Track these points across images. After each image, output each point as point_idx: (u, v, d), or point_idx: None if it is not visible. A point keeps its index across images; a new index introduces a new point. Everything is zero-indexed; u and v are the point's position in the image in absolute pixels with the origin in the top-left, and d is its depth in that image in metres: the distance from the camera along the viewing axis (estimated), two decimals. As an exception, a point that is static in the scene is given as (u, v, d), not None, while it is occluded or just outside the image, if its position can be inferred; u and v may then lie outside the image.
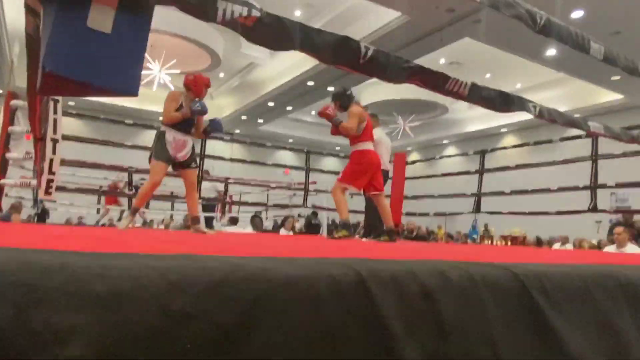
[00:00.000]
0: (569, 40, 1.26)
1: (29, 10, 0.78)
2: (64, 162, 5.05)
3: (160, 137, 3.19)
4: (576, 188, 4.31)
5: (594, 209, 4.19)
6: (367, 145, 3.51)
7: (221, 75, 13.55)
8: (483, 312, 0.50)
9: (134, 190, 7.53)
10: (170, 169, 3.30)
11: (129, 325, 0.35)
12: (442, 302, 0.47)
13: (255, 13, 0.79)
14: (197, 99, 3.21)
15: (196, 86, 3.21)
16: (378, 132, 4.12)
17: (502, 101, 1.12)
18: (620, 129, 1.44)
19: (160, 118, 3.38)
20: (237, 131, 17.84)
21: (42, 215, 6.87)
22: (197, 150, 6.14)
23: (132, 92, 0.72)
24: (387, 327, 0.43)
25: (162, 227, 12.69)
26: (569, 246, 7.87)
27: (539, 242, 7.79)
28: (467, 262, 0.57)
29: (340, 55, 0.89)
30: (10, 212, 5.31)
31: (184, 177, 3.34)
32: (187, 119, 3.19)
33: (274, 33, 0.83)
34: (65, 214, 11.71)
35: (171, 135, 3.18)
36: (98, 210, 9.61)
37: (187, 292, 0.39)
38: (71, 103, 13.16)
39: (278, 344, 0.40)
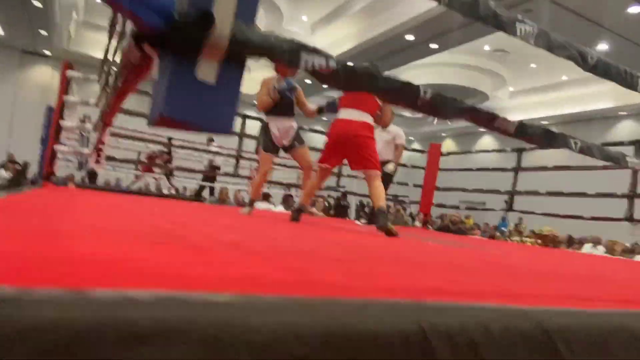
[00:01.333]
0: (617, 78, 1.31)
1: (140, 49, 0.91)
2: (112, 134, 5.34)
3: (264, 129, 3.30)
4: (614, 195, 4.27)
5: (630, 218, 4.16)
6: (340, 114, 3.04)
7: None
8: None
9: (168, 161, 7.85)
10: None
11: None
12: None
13: (332, 64, 0.90)
14: (282, 79, 3.22)
15: (279, 65, 3.10)
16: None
17: (547, 138, 1.20)
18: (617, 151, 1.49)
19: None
20: (273, 105, 18.03)
21: (93, 178, 7.30)
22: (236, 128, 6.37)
23: (228, 131, 0.86)
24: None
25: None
26: (601, 248, 7.76)
27: (570, 242, 7.72)
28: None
29: (402, 97, 1.00)
30: (66, 180, 5.74)
31: (295, 159, 3.44)
32: (283, 101, 3.20)
33: (346, 80, 0.94)
34: (105, 176, 12.35)
35: (275, 126, 3.26)
36: (136, 176, 10.04)
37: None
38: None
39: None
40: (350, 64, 0.93)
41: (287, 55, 0.87)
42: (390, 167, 5.05)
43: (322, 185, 3.43)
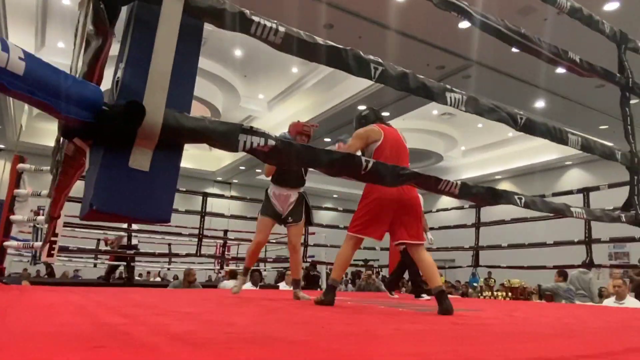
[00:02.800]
0: (547, 135, 1.39)
1: (69, 140, 0.89)
2: (66, 224, 5.12)
3: (267, 192, 3.18)
4: (571, 243, 4.39)
5: (590, 263, 4.26)
6: None
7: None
8: None
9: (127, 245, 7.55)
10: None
11: None
12: None
13: (271, 142, 0.91)
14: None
15: (290, 133, 3.03)
16: None
17: (491, 196, 1.23)
18: (601, 210, 1.56)
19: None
20: (235, 181, 18.06)
21: (51, 272, 6.91)
22: (197, 207, 6.27)
23: (165, 219, 0.83)
24: None
25: (158, 279, 12.55)
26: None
27: (540, 293, 7.76)
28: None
29: (345, 168, 1.01)
30: (19, 277, 5.42)
31: (288, 234, 3.23)
32: (291, 170, 2.92)
33: (287, 155, 0.94)
34: (62, 268, 11.68)
35: (272, 191, 3.13)
36: (95, 265, 9.54)
37: None
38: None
39: None
40: (289, 140, 0.94)
41: (224, 137, 0.87)
42: (430, 238, 4.47)
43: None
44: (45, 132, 13.37)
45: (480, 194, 1.21)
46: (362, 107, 10.34)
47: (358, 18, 6.83)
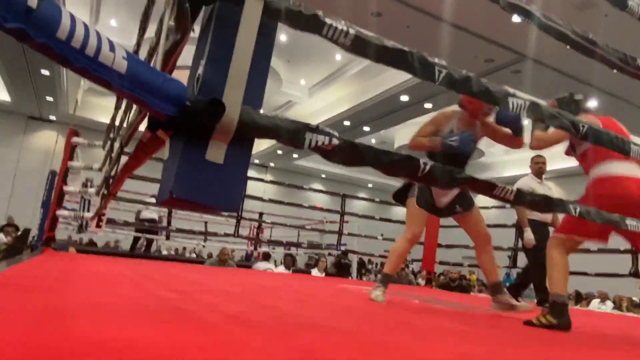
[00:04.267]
0: (609, 145, 1.36)
1: (153, 131, 0.95)
2: (115, 198, 5.38)
3: None
4: (617, 251, 4.25)
5: (635, 274, 4.11)
6: (606, 169, 2.11)
7: (261, 111, 14.05)
8: None
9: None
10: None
11: None
12: None
13: (335, 141, 0.94)
14: (460, 131, 2.38)
15: (472, 105, 2.40)
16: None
17: (546, 204, 1.22)
18: None
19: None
20: (272, 164, 18.29)
21: (92, 241, 7.27)
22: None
23: (236, 209, 0.88)
24: None
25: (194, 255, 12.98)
26: (609, 303, 7.59)
27: (578, 298, 7.56)
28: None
29: (404, 170, 1.03)
30: (67, 244, 5.75)
31: (464, 227, 2.59)
32: (456, 154, 2.32)
33: (349, 155, 0.97)
34: (104, 238, 12.27)
35: None
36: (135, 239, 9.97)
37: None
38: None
39: None
40: (352, 141, 0.97)
41: (292, 134, 0.91)
42: None
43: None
44: (96, 107, 13.92)
45: (535, 201, 1.21)
46: (404, 98, 10.22)
47: (407, 7, 6.71)
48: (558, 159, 13.89)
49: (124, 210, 8.51)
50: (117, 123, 2.63)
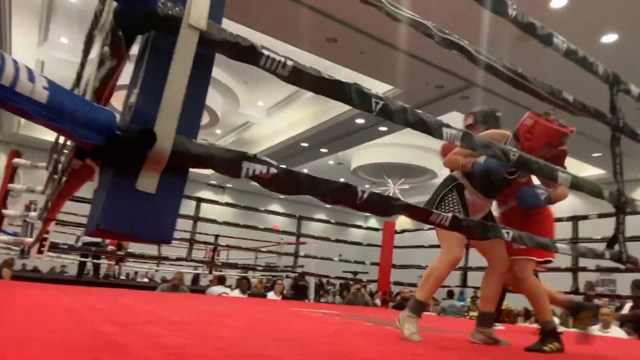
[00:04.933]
0: (539, 172, 1.44)
1: (81, 159, 0.92)
2: (57, 222, 5.12)
3: (457, 189, 2.19)
4: (558, 269, 4.46)
5: (576, 291, 4.32)
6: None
7: (218, 131, 13.94)
8: None
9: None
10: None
11: None
12: None
13: (273, 170, 0.95)
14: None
15: (528, 143, 1.86)
16: None
17: (480, 230, 1.27)
18: (585, 247, 1.60)
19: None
20: (230, 185, 18.06)
21: (36, 267, 6.84)
22: (189, 211, 6.27)
23: (167, 240, 0.86)
24: None
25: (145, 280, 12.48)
26: (556, 319, 7.91)
27: (527, 315, 7.82)
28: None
29: (342, 198, 1.05)
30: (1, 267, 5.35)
31: (483, 251, 2.31)
32: (488, 175, 2.06)
33: (287, 184, 0.98)
34: (50, 263, 11.60)
35: (469, 193, 2.19)
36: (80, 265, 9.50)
37: None
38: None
39: None
40: (290, 169, 0.98)
41: (228, 164, 0.91)
42: None
43: None
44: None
45: (470, 227, 1.25)
46: (360, 120, 10.44)
47: (361, 33, 6.92)
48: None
49: (71, 234, 8.12)
50: (61, 142, 2.54)
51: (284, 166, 0.97)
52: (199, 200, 5.96)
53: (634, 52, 6.50)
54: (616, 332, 4.50)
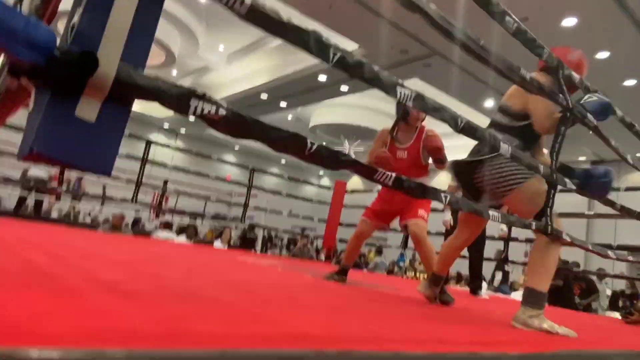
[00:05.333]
0: (483, 141, 1.51)
1: (16, 77, 0.87)
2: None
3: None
4: (492, 238, 4.75)
5: (505, 259, 4.64)
6: None
7: (174, 73, 13.33)
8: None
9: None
10: None
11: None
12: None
13: (222, 112, 0.93)
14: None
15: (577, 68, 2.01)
16: None
17: (420, 191, 1.32)
18: (513, 216, 1.71)
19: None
20: (183, 131, 17.53)
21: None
22: (139, 153, 6.04)
23: (106, 172, 0.84)
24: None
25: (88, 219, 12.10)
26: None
27: (458, 278, 8.34)
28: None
29: (290, 147, 1.05)
30: None
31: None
32: None
33: (236, 127, 0.97)
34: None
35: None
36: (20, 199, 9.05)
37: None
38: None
39: None
40: (239, 112, 0.97)
41: (176, 100, 0.88)
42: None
43: None
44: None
45: (411, 187, 1.30)
46: (322, 78, 10.31)
47: (331, -13, 6.72)
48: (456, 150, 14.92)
49: (8, 166, 7.66)
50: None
51: (233, 108, 0.96)
52: (149, 142, 5.77)
53: (592, 36, 6.76)
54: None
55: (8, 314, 0.64)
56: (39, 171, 6.75)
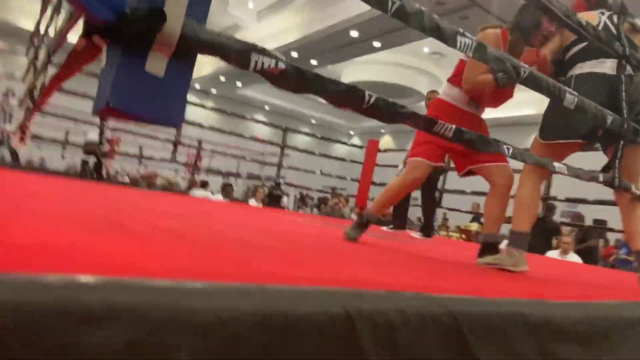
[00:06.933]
0: (547, 92, 1.45)
1: (88, 38, 0.90)
2: (41, 112, 4.99)
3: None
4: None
5: (544, 218, 4.58)
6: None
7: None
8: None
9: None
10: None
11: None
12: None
13: (281, 65, 0.94)
14: None
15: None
16: None
17: (482, 143, 1.31)
18: (580, 169, 1.66)
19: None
20: (214, 92, 17.61)
21: (15, 156, 6.74)
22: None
23: (177, 124, 0.87)
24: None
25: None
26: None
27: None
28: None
29: (349, 101, 1.06)
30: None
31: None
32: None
33: (295, 81, 0.98)
34: (27, 154, 11.45)
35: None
36: (62, 156, 9.44)
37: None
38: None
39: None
40: (299, 66, 0.97)
41: (237, 54, 0.90)
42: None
43: None
44: (16, 9, 12.40)
45: (472, 140, 1.29)
46: (354, 33, 10.04)
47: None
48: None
49: (49, 126, 7.94)
50: (42, 31, 2.40)
51: (293, 62, 0.96)
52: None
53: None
54: (573, 257, 4.86)
55: (99, 252, 0.70)
56: (93, 135, 6.97)
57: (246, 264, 0.85)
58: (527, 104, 13.17)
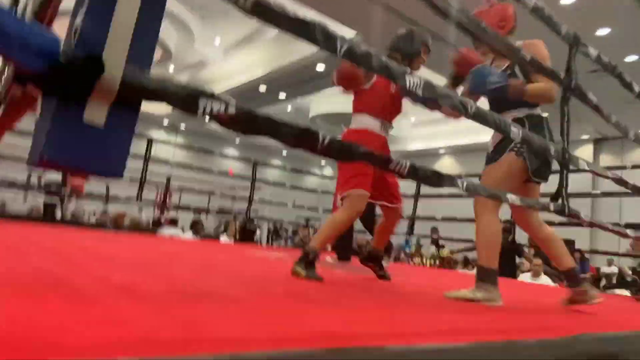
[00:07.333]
0: (493, 125, 1.48)
1: (22, 85, 0.85)
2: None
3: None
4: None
5: (512, 242, 4.64)
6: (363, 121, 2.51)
7: (171, 68, 13.26)
8: None
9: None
10: None
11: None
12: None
13: (232, 110, 0.91)
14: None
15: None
16: None
17: (436, 179, 1.31)
18: (533, 199, 1.69)
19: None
20: (183, 126, 17.48)
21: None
22: (140, 151, 6.02)
23: (118, 175, 0.82)
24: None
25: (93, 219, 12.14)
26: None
27: (465, 263, 8.35)
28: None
29: (303, 142, 1.04)
30: None
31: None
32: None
33: (247, 125, 0.95)
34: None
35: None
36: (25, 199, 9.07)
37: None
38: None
39: None
40: (250, 110, 0.95)
41: (184, 100, 0.87)
42: None
43: None
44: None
45: (426, 176, 1.28)
46: (320, 67, 10.23)
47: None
48: (457, 135, 14.82)
49: (8, 169, 7.64)
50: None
51: (243, 106, 0.94)
52: (150, 140, 5.75)
53: (592, 13, 6.68)
54: (545, 280, 4.91)
55: (27, 326, 0.63)
56: (55, 175, 6.73)
57: (200, 326, 0.79)
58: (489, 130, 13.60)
